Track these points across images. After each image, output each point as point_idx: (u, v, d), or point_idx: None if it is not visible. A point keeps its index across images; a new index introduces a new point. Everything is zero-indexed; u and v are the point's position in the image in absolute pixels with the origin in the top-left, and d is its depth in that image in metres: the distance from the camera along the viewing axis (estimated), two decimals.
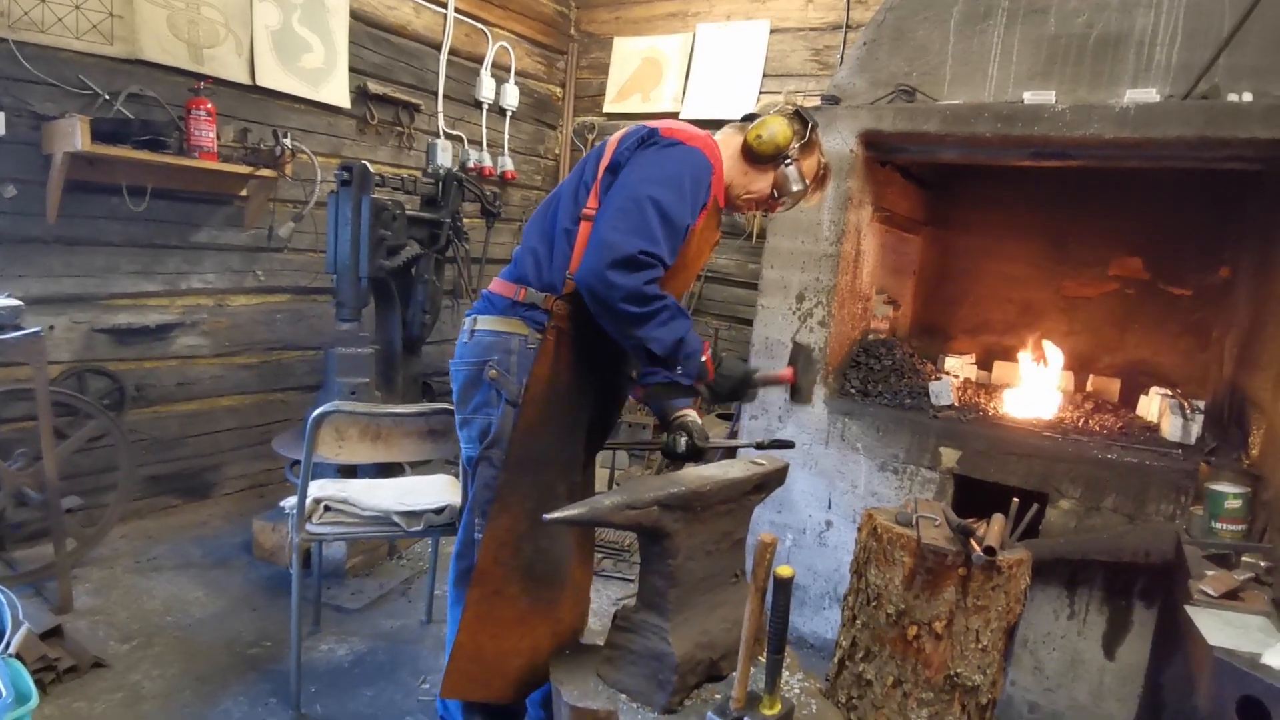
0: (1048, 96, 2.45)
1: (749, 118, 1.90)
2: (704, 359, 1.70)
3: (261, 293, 3.66)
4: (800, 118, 1.86)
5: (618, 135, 1.77)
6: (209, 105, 3.05)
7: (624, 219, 1.59)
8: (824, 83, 4.29)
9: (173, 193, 3.22)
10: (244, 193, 3.46)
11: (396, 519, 2.28)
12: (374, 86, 3.96)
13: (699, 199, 1.68)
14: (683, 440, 1.92)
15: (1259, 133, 2.11)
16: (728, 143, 1.87)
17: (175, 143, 2.99)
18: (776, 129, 1.81)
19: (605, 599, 3.02)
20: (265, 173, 3.31)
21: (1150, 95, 2.29)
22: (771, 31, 4.53)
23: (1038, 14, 2.57)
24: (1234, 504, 1.98)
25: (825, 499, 2.80)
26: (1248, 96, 2.20)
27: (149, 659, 2.38)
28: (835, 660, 1.93)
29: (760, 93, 4.52)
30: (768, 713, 1.52)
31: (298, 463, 2.64)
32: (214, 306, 3.49)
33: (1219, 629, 1.52)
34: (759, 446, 1.93)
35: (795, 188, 1.87)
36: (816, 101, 3.02)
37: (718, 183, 1.77)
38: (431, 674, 2.46)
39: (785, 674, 1.69)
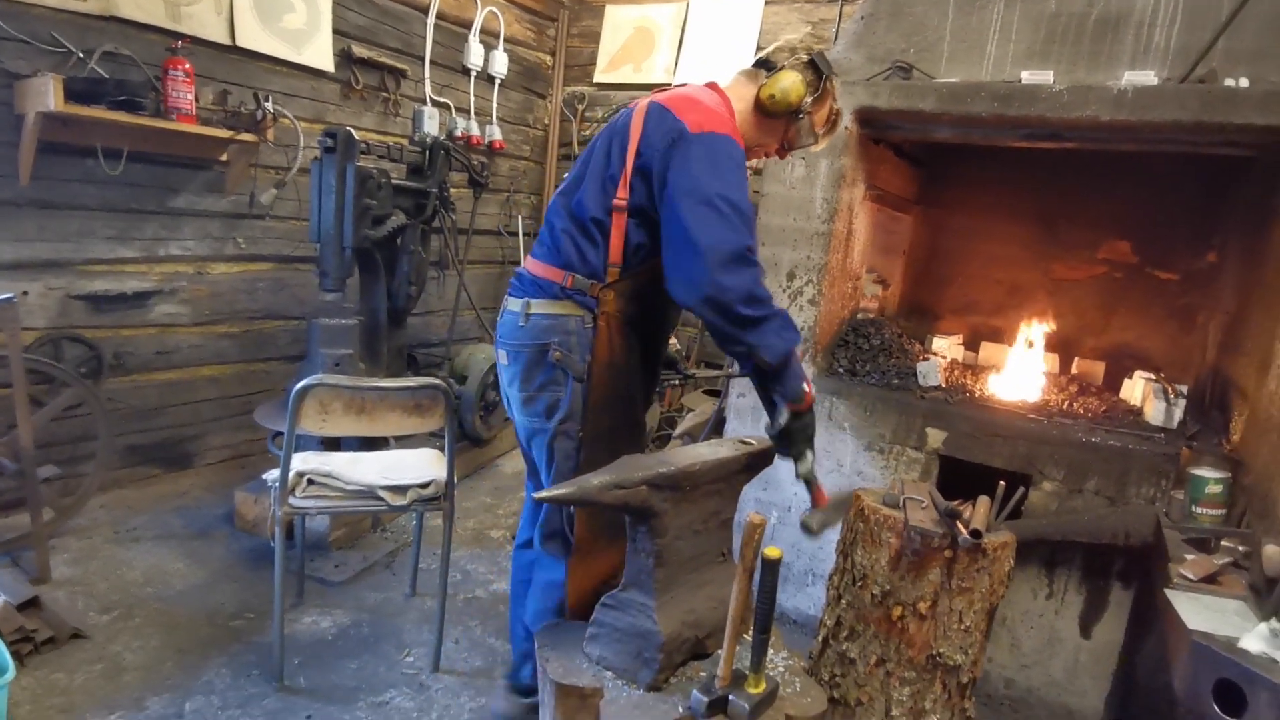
0: (1046, 76, 2.42)
1: (762, 64, 1.86)
2: (805, 386, 1.69)
3: (243, 261, 3.59)
4: (814, 68, 1.83)
5: (638, 120, 1.73)
6: (187, 65, 2.95)
7: (708, 221, 1.58)
8: None
9: (150, 156, 3.13)
10: (224, 157, 3.37)
11: (382, 494, 2.26)
12: (359, 50, 3.86)
13: (744, 177, 1.69)
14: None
15: (1255, 119, 2.10)
16: (740, 94, 1.86)
17: (152, 104, 2.90)
18: (789, 86, 1.79)
19: None
20: (246, 137, 3.23)
21: (1148, 78, 2.27)
22: (766, 3, 4.46)
23: None
24: (1215, 489, 2.01)
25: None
26: (1244, 82, 2.18)
27: (129, 630, 2.36)
28: (819, 639, 1.95)
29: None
30: (753, 691, 1.53)
31: (280, 434, 2.61)
32: (194, 274, 3.42)
33: (1197, 613, 1.55)
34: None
35: (806, 141, 1.89)
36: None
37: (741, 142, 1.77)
38: (416, 646, 2.46)
39: (770, 652, 1.70)
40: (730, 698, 1.50)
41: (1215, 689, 1.40)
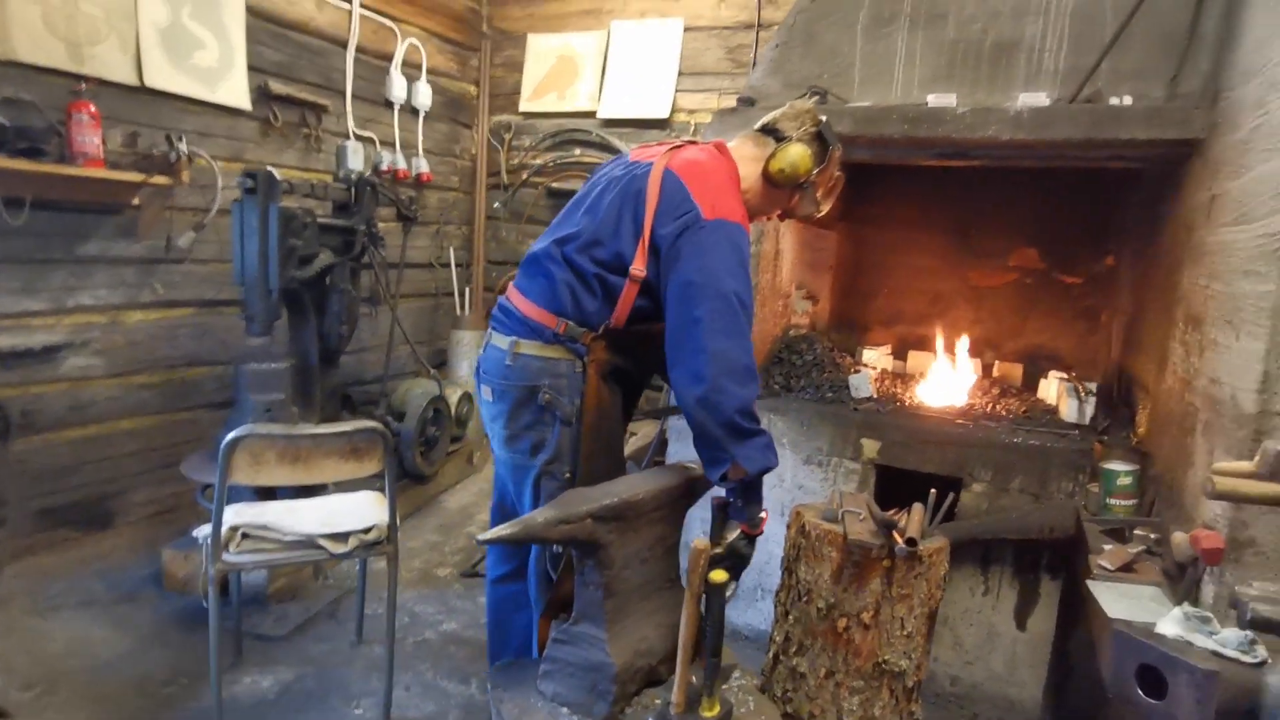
0: (950, 99, 2.55)
1: (770, 131, 1.89)
2: (762, 513, 1.73)
3: (161, 307, 3.45)
4: (821, 139, 1.87)
5: (653, 189, 1.73)
6: (92, 108, 2.84)
7: (724, 321, 1.62)
8: (739, 81, 4.36)
9: (56, 203, 2.98)
10: (136, 201, 3.24)
11: (322, 542, 2.20)
12: (276, 86, 3.78)
13: (747, 267, 1.74)
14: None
15: (1139, 133, 2.26)
16: (748, 160, 1.88)
17: (55, 150, 2.77)
18: (797, 160, 1.83)
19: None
20: (159, 180, 3.12)
21: (1041, 99, 2.42)
22: (686, 30, 4.57)
23: (938, 19, 2.68)
24: (1125, 481, 2.13)
25: None
26: (1128, 99, 2.35)
27: (54, 706, 2.22)
28: (770, 655, 1.99)
29: (676, 91, 4.55)
30: (707, 715, 1.55)
31: (210, 486, 2.51)
32: (108, 324, 3.26)
33: (1116, 601, 1.64)
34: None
35: (809, 210, 1.95)
36: (733, 101, 3.06)
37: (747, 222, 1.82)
38: (364, 697, 2.39)
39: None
40: None
41: (1138, 673, 1.48)
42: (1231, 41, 2.06)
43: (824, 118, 1.91)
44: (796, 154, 1.83)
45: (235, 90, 3.61)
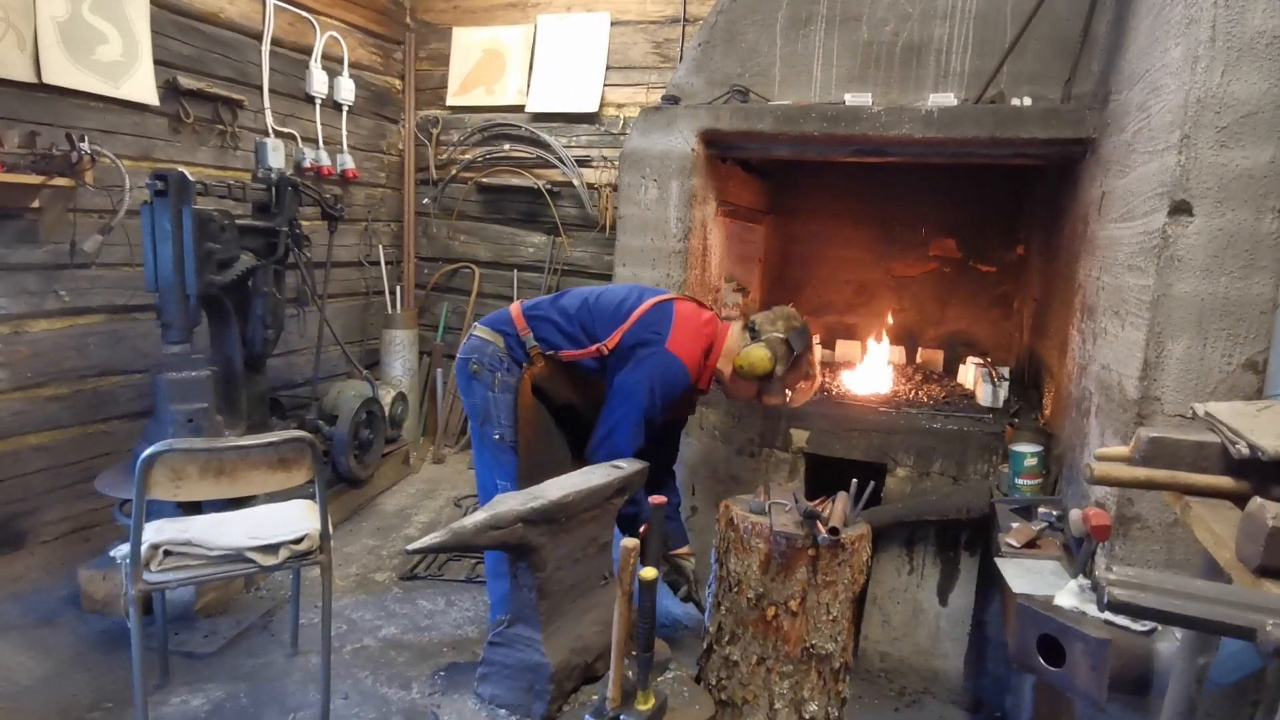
0: (865, 99, 2.64)
1: (751, 327, 2.24)
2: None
3: (67, 315, 3.28)
4: (788, 345, 2.17)
5: (649, 304, 2.21)
6: None
7: (628, 423, 2.10)
8: (667, 75, 4.39)
9: None
10: (36, 204, 3.07)
11: (251, 555, 2.15)
12: (186, 81, 3.62)
13: (672, 399, 2.17)
14: (682, 588, 2.39)
15: (1038, 132, 2.39)
16: (731, 347, 2.23)
17: None
18: (755, 361, 2.14)
19: (482, 605, 3.00)
20: (61, 181, 2.97)
21: (949, 99, 2.53)
22: (612, 24, 4.57)
23: (851, 21, 2.76)
24: (1031, 461, 2.27)
25: (689, 486, 2.92)
26: (1028, 100, 2.48)
27: None
28: (705, 646, 2.05)
29: (605, 85, 4.56)
30: (642, 708, 1.59)
31: (129, 501, 2.42)
32: (9, 334, 3.09)
33: (1020, 576, 1.75)
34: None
35: (775, 400, 2.26)
36: (657, 99, 3.10)
37: (694, 377, 2.21)
38: (301, 709, 2.35)
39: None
40: (621, 718, 1.56)
41: (1039, 643, 1.59)
42: (1120, 47, 2.19)
43: (798, 324, 2.21)
44: (756, 356, 2.13)
45: (141, 85, 3.44)
